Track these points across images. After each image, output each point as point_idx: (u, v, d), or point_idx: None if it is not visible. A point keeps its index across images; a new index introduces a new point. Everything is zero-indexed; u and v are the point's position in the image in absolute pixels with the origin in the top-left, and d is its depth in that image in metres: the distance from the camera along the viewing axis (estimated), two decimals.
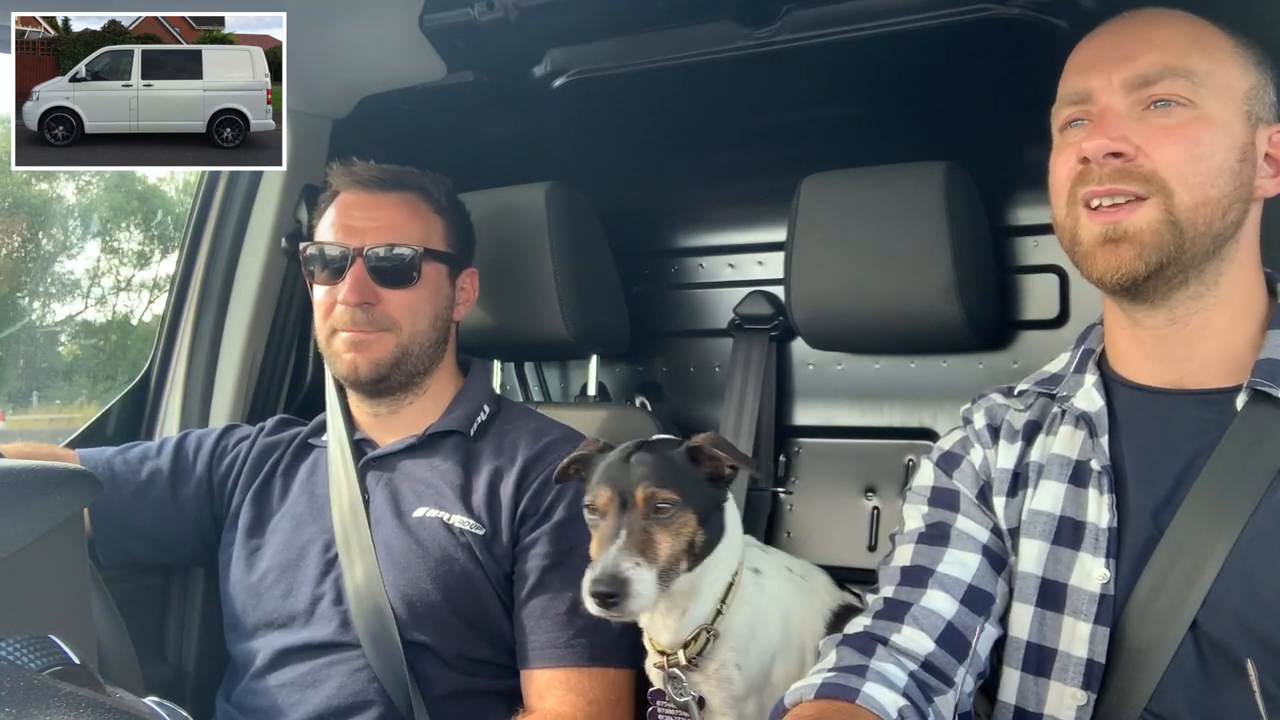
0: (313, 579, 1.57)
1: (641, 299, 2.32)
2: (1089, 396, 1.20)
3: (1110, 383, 1.22)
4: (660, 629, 1.33)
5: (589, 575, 1.19)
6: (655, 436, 1.37)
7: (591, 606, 1.18)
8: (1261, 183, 1.14)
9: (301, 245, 1.69)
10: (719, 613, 1.31)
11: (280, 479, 1.70)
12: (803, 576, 1.42)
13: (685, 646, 1.31)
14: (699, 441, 1.29)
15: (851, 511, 2.00)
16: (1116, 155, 1.10)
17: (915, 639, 1.14)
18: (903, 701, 1.06)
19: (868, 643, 1.14)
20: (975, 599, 1.17)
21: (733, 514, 1.35)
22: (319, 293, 1.65)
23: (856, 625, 1.19)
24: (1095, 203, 1.12)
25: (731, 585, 1.32)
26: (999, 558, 1.21)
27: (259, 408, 2.00)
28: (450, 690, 1.51)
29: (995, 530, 1.23)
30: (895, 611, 1.17)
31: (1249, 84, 1.13)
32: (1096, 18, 1.21)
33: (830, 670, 1.11)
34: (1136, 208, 1.10)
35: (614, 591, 1.17)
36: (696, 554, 1.25)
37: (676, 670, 1.31)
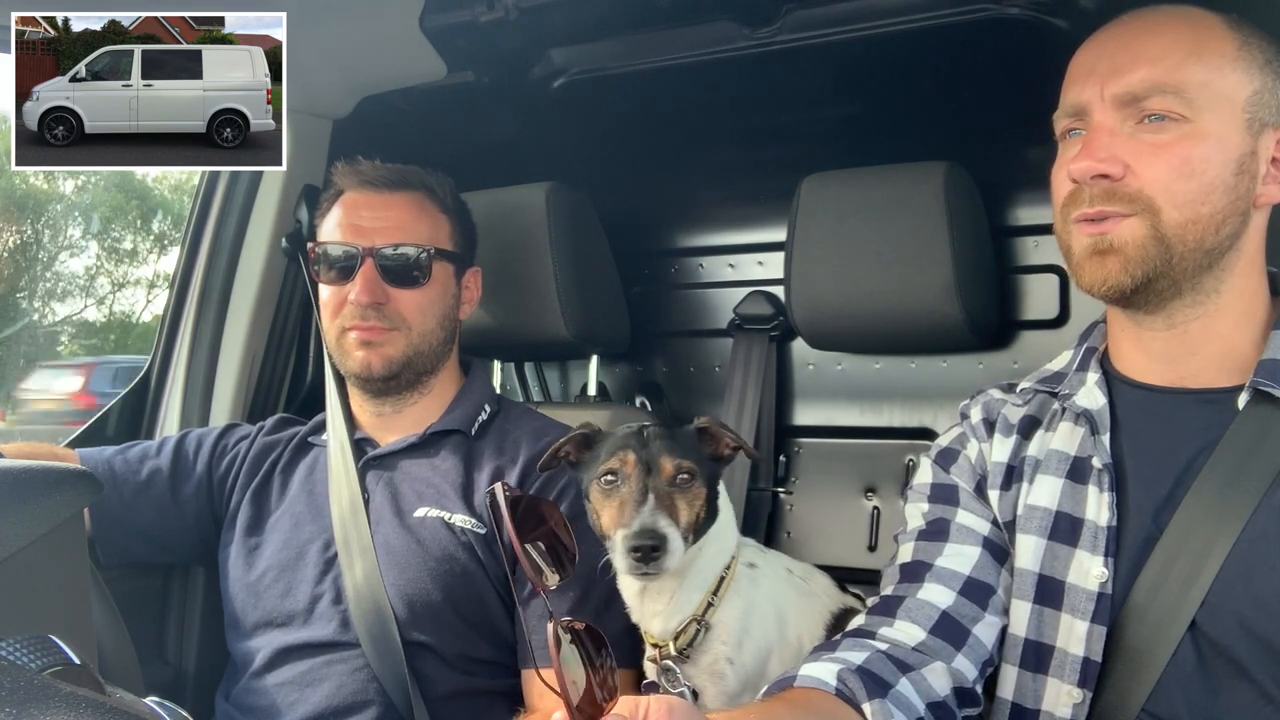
0: (312, 578, 1.57)
1: (641, 299, 2.32)
2: (1091, 394, 1.20)
3: (1112, 381, 1.21)
4: (650, 615, 1.33)
5: (623, 533, 1.21)
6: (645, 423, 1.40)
7: (628, 564, 1.20)
8: (1267, 189, 1.12)
9: (310, 245, 1.69)
10: (710, 604, 1.31)
11: (279, 477, 1.70)
12: (803, 578, 1.42)
13: (676, 638, 1.31)
14: (705, 422, 1.35)
15: (851, 511, 2.00)
16: (1104, 176, 1.09)
17: (906, 630, 1.13)
18: (841, 667, 1.03)
19: (845, 638, 1.14)
20: (975, 590, 1.17)
21: (725, 501, 1.38)
22: (326, 292, 1.65)
23: (853, 625, 1.19)
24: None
25: (724, 578, 1.33)
26: (1001, 549, 1.21)
27: (259, 407, 2.00)
28: (450, 690, 1.51)
29: (996, 523, 1.23)
30: (888, 607, 1.17)
31: (1252, 89, 1.09)
32: (1096, 18, 1.20)
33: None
34: (1123, 220, 1.10)
35: (656, 544, 1.18)
36: (699, 528, 1.29)
37: (670, 663, 1.31)
